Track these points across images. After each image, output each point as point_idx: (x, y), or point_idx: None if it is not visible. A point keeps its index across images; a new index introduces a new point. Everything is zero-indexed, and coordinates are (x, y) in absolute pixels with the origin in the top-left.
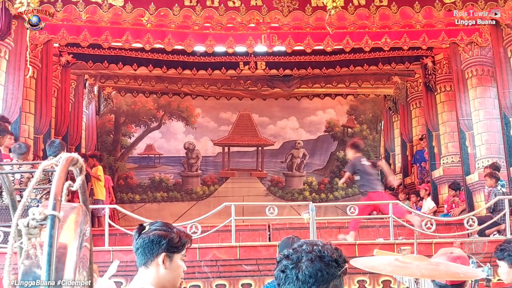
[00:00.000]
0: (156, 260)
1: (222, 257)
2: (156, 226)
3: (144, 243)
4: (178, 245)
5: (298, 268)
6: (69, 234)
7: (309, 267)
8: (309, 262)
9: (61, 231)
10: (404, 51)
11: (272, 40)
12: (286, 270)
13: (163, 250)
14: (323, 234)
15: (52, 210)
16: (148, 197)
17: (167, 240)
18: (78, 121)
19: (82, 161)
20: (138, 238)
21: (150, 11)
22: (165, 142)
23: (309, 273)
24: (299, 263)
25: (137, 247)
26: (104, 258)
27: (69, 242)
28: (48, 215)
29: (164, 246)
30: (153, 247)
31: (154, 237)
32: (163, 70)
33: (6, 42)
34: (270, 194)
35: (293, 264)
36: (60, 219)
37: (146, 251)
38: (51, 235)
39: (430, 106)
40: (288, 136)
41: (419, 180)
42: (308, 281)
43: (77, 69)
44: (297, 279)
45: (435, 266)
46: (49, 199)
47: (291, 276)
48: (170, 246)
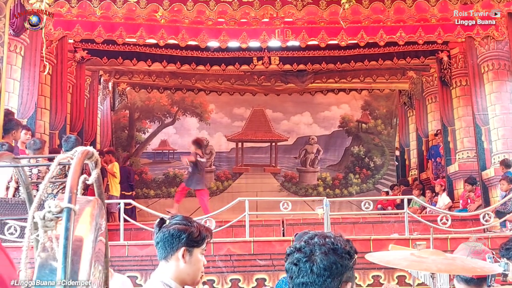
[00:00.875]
0: (176, 254)
1: (236, 252)
2: (176, 220)
3: (164, 237)
4: (198, 239)
5: (312, 261)
6: (84, 227)
7: (324, 260)
8: (323, 255)
9: (76, 224)
10: (419, 46)
11: (286, 35)
12: (299, 263)
13: (183, 244)
14: (337, 229)
15: (68, 203)
16: (162, 192)
17: (187, 235)
18: (93, 117)
19: (98, 154)
20: (159, 232)
21: (164, 6)
22: (179, 138)
23: (323, 266)
24: (313, 256)
25: (157, 241)
26: (119, 252)
27: (84, 235)
28: (64, 208)
29: (184, 241)
30: (173, 241)
31: (174, 231)
32: (177, 66)
33: (22, 38)
34: (284, 189)
35: (306, 257)
36: (76, 212)
37: (166, 245)
38: (67, 227)
39: (446, 101)
40: (302, 131)
41: (434, 175)
42: (323, 274)
43: (91, 65)
44: (312, 272)
45: (452, 261)
46: (61, 194)
47: (305, 269)
48: (190, 240)
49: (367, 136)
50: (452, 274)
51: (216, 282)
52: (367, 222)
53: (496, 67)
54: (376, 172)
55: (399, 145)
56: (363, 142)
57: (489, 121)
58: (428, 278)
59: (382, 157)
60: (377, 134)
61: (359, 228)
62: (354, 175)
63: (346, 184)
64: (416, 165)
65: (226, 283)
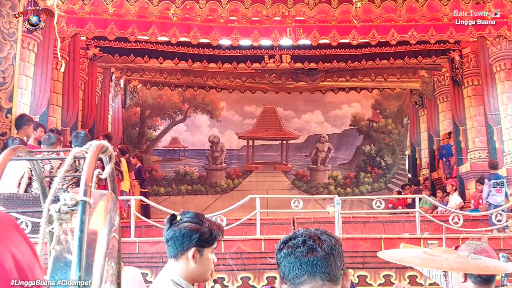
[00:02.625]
0: (186, 254)
1: (247, 250)
2: (188, 217)
3: (175, 236)
4: (209, 239)
5: (320, 241)
6: (99, 221)
7: (329, 240)
8: (326, 236)
9: (91, 218)
10: (431, 45)
11: (297, 33)
12: (306, 242)
13: (193, 244)
14: (348, 228)
15: (83, 196)
16: (172, 190)
17: (198, 235)
18: (104, 114)
19: (112, 149)
20: (169, 229)
21: (177, 4)
22: (190, 135)
23: (330, 244)
24: (316, 236)
25: (167, 238)
26: (129, 249)
27: (99, 228)
28: (79, 201)
29: (195, 241)
30: (183, 241)
31: (185, 231)
32: (188, 64)
33: (35, 35)
34: (295, 188)
35: (312, 238)
36: (91, 205)
37: (177, 244)
38: (82, 220)
39: (457, 101)
40: (313, 129)
41: (446, 175)
42: (330, 252)
43: (103, 63)
44: (322, 248)
45: (464, 259)
46: (75, 187)
47: (313, 247)
48: (201, 241)
49: (378, 135)
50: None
51: (226, 280)
52: (378, 221)
53: (508, 67)
54: (388, 171)
55: (410, 144)
56: (374, 141)
57: (501, 121)
58: (441, 276)
59: (393, 156)
60: (388, 133)
61: (370, 228)
62: (365, 174)
63: (357, 183)
64: (427, 165)
65: (236, 281)
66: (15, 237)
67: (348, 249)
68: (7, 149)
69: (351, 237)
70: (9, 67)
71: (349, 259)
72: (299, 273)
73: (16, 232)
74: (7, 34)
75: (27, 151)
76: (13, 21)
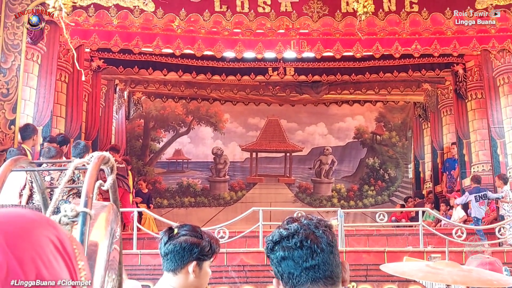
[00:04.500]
0: (186, 267)
1: (249, 262)
2: (186, 231)
3: (175, 250)
4: (209, 253)
5: (317, 239)
6: (99, 232)
7: (324, 237)
8: (322, 230)
9: (92, 229)
10: (435, 58)
11: (301, 46)
12: (304, 244)
13: (194, 258)
14: (351, 241)
15: (83, 207)
16: (176, 202)
17: (199, 249)
18: (108, 125)
19: (114, 160)
20: (168, 242)
21: (181, 16)
22: (193, 147)
23: (328, 242)
24: (313, 234)
25: (166, 252)
26: (132, 261)
27: (100, 240)
28: (80, 212)
29: (195, 255)
30: (184, 255)
31: (186, 245)
32: (192, 76)
33: (39, 47)
34: (298, 200)
35: (309, 237)
36: (92, 216)
37: (177, 258)
38: (83, 232)
39: (461, 114)
40: (317, 142)
41: (448, 188)
42: (330, 251)
43: (107, 74)
44: (322, 250)
45: (467, 273)
46: (76, 199)
47: (314, 249)
48: (202, 254)
49: (382, 148)
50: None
51: None
52: (381, 234)
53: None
54: (391, 184)
55: (414, 157)
56: (377, 153)
57: (505, 134)
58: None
59: (396, 169)
60: (392, 146)
61: (373, 241)
62: (369, 187)
63: (361, 196)
64: (430, 178)
65: None
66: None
67: (351, 262)
68: (8, 160)
69: (354, 250)
70: (13, 78)
71: (352, 272)
72: (301, 280)
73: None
74: (11, 46)
75: (28, 163)
76: (17, 32)
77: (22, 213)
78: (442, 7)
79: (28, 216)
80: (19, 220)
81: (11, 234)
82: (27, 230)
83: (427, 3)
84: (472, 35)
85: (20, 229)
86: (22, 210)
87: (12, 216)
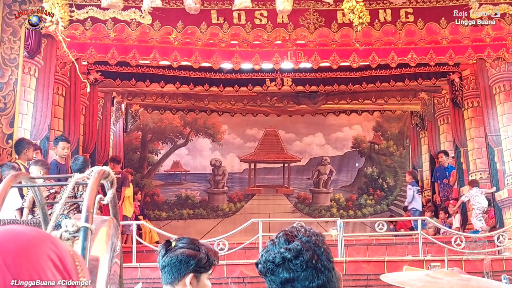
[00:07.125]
0: (183, 280)
1: (249, 274)
2: (183, 243)
3: (172, 262)
4: (206, 265)
5: (319, 258)
6: (100, 247)
7: (327, 253)
8: (325, 249)
9: (92, 244)
10: (431, 67)
11: (298, 57)
12: (308, 264)
13: (191, 270)
14: (350, 251)
15: (84, 222)
16: (174, 214)
17: (196, 261)
18: (105, 138)
19: (114, 174)
20: (165, 255)
21: (178, 29)
22: (191, 159)
23: (328, 258)
24: (316, 253)
25: (163, 265)
26: (131, 274)
27: (101, 254)
28: (81, 227)
29: (192, 267)
30: (181, 267)
31: (183, 257)
32: (190, 87)
33: (36, 60)
34: (297, 211)
35: (313, 257)
36: (93, 231)
37: (174, 271)
38: (84, 247)
39: (458, 122)
40: (315, 152)
41: (442, 197)
42: (330, 267)
43: (104, 87)
44: (327, 269)
45: (467, 282)
46: (76, 214)
47: (319, 268)
48: (199, 266)
49: (380, 157)
50: None
51: None
52: (381, 244)
53: (507, 88)
54: (390, 193)
55: (412, 166)
56: (375, 163)
57: (502, 142)
58: None
59: (395, 178)
60: (390, 155)
61: (373, 250)
62: (367, 196)
63: (359, 206)
64: (429, 186)
65: None
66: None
67: (351, 272)
68: (8, 176)
69: (354, 260)
70: (10, 93)
71: (352, 282)
72: None
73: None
74: (8, 60)
75: (28, 178)
76: (14, 47)
77: (21, 231)
78: (437, 17)
79: (28, 234)
80: (18, 239)
81: (9, 253)
82: (26, 248)
83: (422, 13)
84: (468, 44)
85: (19, 247)
86: (21, 228)
87: (11, 234)
